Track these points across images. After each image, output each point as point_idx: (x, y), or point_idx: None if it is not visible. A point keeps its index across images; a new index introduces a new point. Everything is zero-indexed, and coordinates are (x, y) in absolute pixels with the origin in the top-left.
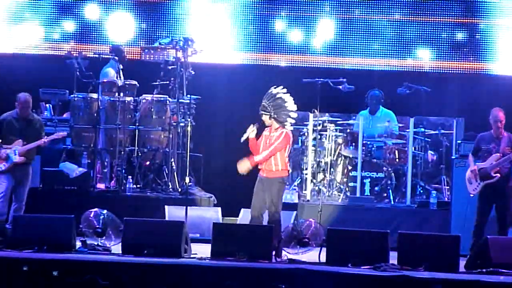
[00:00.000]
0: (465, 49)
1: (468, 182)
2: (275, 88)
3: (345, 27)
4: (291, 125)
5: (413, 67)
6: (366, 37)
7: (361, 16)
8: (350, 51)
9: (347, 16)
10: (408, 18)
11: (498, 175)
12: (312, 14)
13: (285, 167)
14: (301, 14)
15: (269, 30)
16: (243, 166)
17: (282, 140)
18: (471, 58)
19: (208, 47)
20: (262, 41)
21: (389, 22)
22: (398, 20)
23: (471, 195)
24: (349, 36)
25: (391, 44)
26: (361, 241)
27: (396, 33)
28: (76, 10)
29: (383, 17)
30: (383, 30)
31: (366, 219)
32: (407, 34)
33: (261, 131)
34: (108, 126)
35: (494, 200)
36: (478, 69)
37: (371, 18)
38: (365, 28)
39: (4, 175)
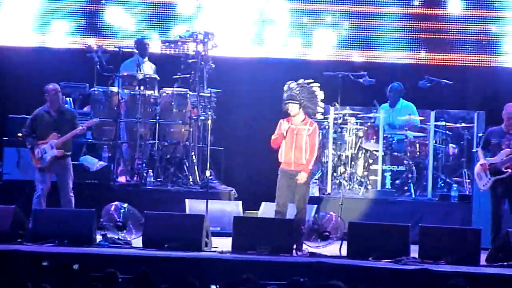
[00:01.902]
0: (486, 42)
1: (477, 177)
2: (301, 80)
3: (366, 20)
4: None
5: (435, 60)
6: (387, 30)
7: (382, 9)
8: (371, 44)
9: (368, 9)
10: (427, 11)
11: (510, 170)
12: (333, 7)
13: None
14: (322, 7)
15: (289, 23)
16: (303, 177)
17: (317, 135)
18: (493, 51)
19: (229, 40)
20: (283, 34)
21: (409, 15)
22: (418, 13)
23: (481, 190)
24: (369, 29)
25: (412, 37)
26: (382, 234)
27: (416, 26)
28: (97, 4)
29: (403, 10)
30: (404, 23)
31: (387, 213)
32: (427, 27)
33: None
34: (128, 120)
35: (506, 195)
36: (499, 62)
37: (391, 11)
38: (385, 21)
39: (42, 173)
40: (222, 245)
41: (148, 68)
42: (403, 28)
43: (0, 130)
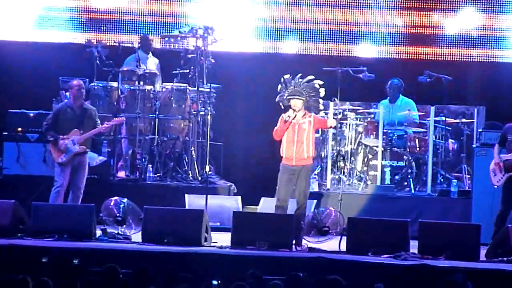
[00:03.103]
0: (486, 37)
1: (492, 173)
2: (304, 77)
3: (365, 15)
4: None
5: (434, 55)
6: (386, 25)
7: (381, 3)
8: (370, 39)
9: (367, 3)
10: (428, 5)
11: None
12: (332, 2)
13: (313, 154)
14: (321, 1)
15: (290, 18)
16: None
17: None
18: (493, 46)
19: (228, 35)
20: (283, 29)
21: (409, 9)
22: (417, 7)
23: (495, 187)
24: (369, 24)
25: (412, 32)
26: (381, 230)
27: (415, 21)
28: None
29: (403, 5)
30: (403, 18)
31: (387, 208)
32: (426, 22)
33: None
34: (128, 115)
35: None
36: (500, 56)
37: (391, 5)
38: (385, 16)
39: (62, 167)
40: (222, 240)
41: (152, 64)
42: (402, 23)
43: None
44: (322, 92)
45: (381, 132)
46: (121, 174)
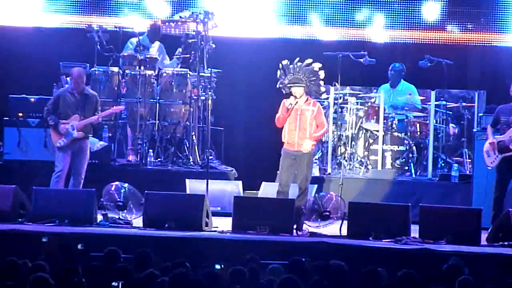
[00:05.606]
0: (487, 21)
1: (486, 154)
2: (303, 61)
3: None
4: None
5: (435, 39)
6: (387, 9)
7: None
8: (371, 23)
9: None
10: None
11: None
12: None
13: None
14: None
15: (290, 3)
16: (308, 146)
17: (322, 113)
18: (494, 30)
19: (229, 20)
20: (283, 14)
21: None
22: None
23: (489, 168)
24: (370, 8)
25: (412, 17)
26: (382, 214)
27: (416, 5)
28: None
29: None
30: (404, 2)
31: (387, 193)
32: (427, 5)
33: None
34: (128, 100)
35: None
36: (500, 41)
37: None
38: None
39: (62, 152)
40: (222, 225)
41: (154, 50)
42: (403, 7)
43: (0, 110)
44: (321, 74)
45: (382, 116)
46: (131, 158)
